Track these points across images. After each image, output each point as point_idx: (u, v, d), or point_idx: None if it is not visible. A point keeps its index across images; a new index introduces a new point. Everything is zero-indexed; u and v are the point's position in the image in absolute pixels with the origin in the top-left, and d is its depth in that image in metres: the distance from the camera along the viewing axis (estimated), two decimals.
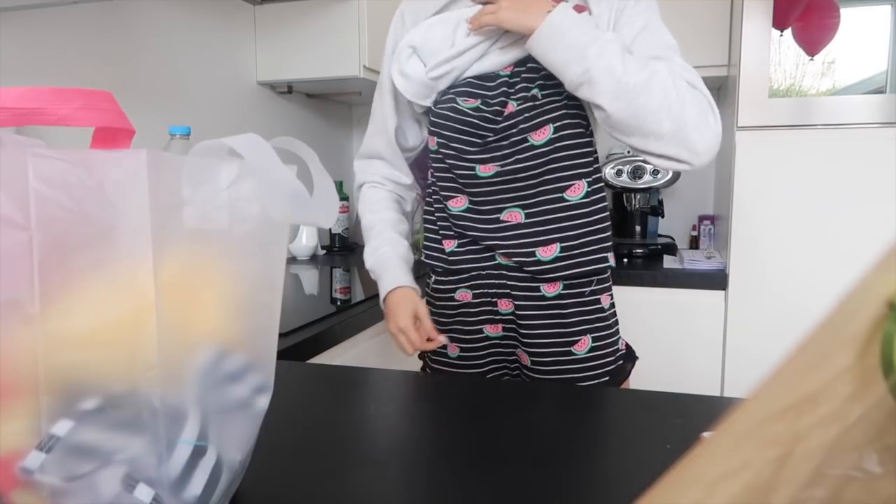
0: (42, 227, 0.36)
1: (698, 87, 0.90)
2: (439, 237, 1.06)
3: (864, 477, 0.23)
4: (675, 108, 0.87)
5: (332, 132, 2.52)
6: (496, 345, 1.06)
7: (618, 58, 0.88)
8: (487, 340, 1.06)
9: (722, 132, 0.90)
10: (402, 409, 0.74)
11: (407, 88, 1.03)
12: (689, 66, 0.91)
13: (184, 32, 1.71)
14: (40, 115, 0.38)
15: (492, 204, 1.00)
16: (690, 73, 0.91)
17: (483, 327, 1.05)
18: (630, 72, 0.87)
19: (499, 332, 1.05)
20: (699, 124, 0.88)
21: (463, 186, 1.02)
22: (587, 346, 1.01)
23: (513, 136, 0.97)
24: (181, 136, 1.30)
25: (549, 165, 0.97)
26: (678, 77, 0.89)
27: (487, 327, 1.05)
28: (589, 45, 0.88)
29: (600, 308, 1.03)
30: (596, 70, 0.87)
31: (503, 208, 1.00)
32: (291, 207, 0.43)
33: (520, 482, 0.55)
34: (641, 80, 0.87)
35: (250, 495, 0.53)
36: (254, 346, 0.48)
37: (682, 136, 0.88)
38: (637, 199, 2.20)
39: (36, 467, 0.38)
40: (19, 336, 0.37)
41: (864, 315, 0.23)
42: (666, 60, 0.90)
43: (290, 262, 1.99)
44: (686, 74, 0.90)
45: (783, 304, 1.76)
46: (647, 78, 0.87)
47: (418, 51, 1.02)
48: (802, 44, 1.76)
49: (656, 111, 0.87)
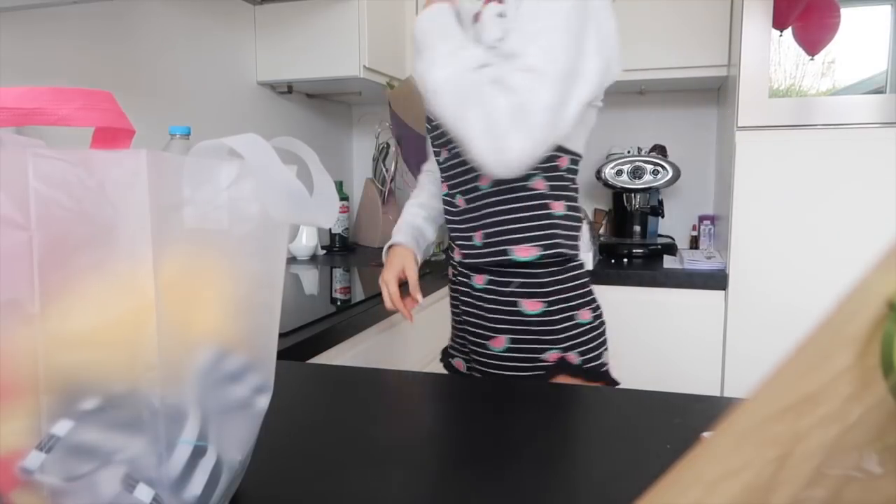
0: (42, 227, 0.36)
1: (517, 91, 0.82)
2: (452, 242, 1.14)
3: (864, 477, 0.23)
4: (463, 116, 0.84)
5: (332, 132, 2.52)
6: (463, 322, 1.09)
7: (434, 62, 0.87)
8: (459, 318, 1.11)
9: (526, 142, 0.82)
10: (402, 409, 0.74)
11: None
12: (532, 65, 0.82)
13: (184, 32, 1.71)
14: (40, 115, 0.38)
15: (449, 189, 1.05)
16: (523, 74, 0.82)
17: (458, 304, 1.09)
18: (436, 77, 0.86)
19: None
20: (483, 133, 0.83)
21: (439, 170, 1.08)
22: (503, 345, 0.99)
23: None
24: (181, 136, 1.30)
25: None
26: (487, 84, 0.83)
27: (461, 304, 1.09)
28: (423, 49, 0.90)
29: (520, 311, 0.98)
30: (417, 72, 0.90)
31: (455, 193, 1.04)
32: (291, 207, 0.43)
33: (520, 482, 0.55)
34: (443, 88, 0.86)
35: (250, 495, 0.53)
36: (254, 346, 0.48)
37: (467, 145, 0.85)
38: (637, 199, 2.20)
39: (36, 467, 0.38)
40: (19, 336, 0.37)
41: (864, 315, 0.23)
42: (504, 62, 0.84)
43: (290, 262, 1.99)
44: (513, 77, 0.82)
45: (783, 304, 1.76)
46: (450, 86, 0.85)
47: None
48: (803, 44, 1.76)
49: (447, 118, 0.86)
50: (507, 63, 0.84)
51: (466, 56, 0.87)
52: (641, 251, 2.12)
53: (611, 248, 2.15)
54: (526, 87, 0.81)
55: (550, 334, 0.98)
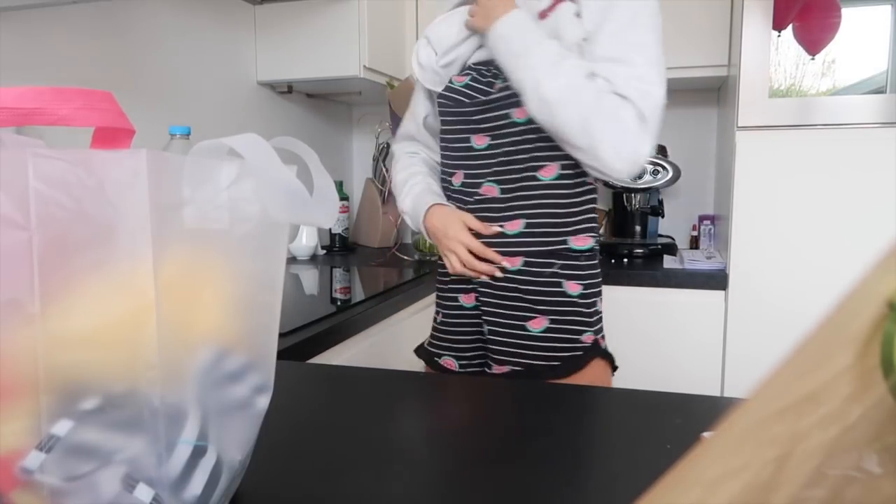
0: (42, 227, 0.36)
1: (633, 99, 0.92)
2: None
3: (864, 477, 0.23)
4: (587, 126, 0.92)
5: (332, 132, 2.52)
6: (469, 315, 1.10)
7: (543, 72, 0.93)
8: (462, 310, 1.10)
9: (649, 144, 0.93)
10: (402, 409, 0.74)
11: (422, 75, 1.12)
12: (646, 77, 0.93)
13: (184, 32, 1.71)
14: (40, 115, 0.38)
15: (477, 177, 1.05)
16: (636, 84, 0.92)
17: (458, 296, 1.10)
18: (552, 88, 0.92)
19: (472, 301, 1.09)
20: (614, 141, 0.92)
21: (461, 160, 1.07)
22: (542, 325, 1.02)
23: (498, 111, 1.03)
24: (181, 136, 1.30)
25: (526, 144, 1.01)
26: (604, 95, 0.92)
27: (462, 296, 1.10)
28: (520, 57, 0.95)
29: (563, 292, 1.02)
30: (524, 82, 0.95)
31: (482, 182, 1.05)
32: (291, 207, 0.43)
33: (520, 482, 0.55)
34: (558, 93, 0.92)
35: (250, 495, 0.53)
36: (254, 346, 0.48)
37: (594, 152, 0.93)
38: (637, 199, 2.20)
39: (36, 467, 0.38)
40: (19, 336, 0.37)
41: (865, 315, 0.23)
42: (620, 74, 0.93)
43: (290, 262, 1.99)
44: (629, 87, 0.92)
45: (783, 304, 1.76)
46: (564, 92, 0.92)
47: (431, 41, 1.12)
48: (803, 43, 1.76)
49: (571, 129, 0.93)
50: (613, 68, 0.93)
51: (572, 66, 0.94)
52: (641, 251, 2.12)
53: (611, 248, 2.15)
54: (640, 96, 0.92)
55: (587, 316, 1.04)
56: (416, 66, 1.13)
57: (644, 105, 0.92)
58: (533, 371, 1.02)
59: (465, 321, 1.10)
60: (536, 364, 1.02)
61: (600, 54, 0.94)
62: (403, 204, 1.14)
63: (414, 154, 1.23)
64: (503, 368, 1.04)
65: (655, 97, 0.93)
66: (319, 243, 2.15)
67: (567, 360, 1.02)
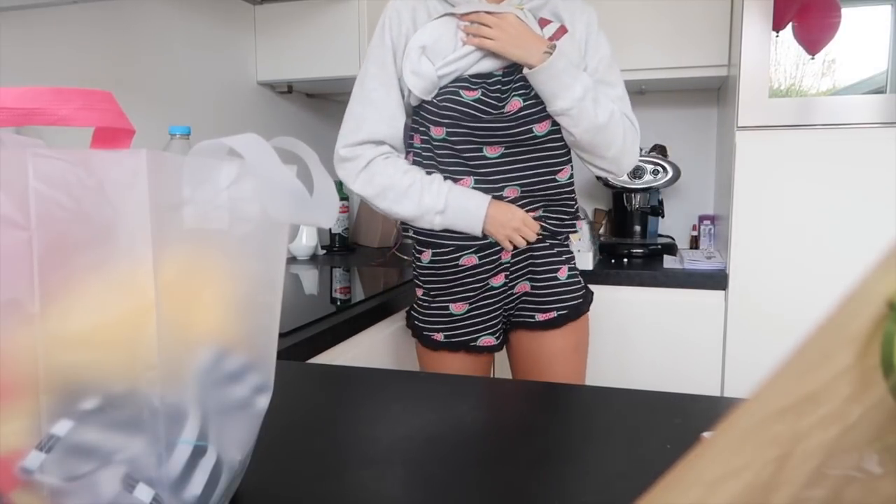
0: (42, 227, 0.36)
1: (629, 116, 1.24)
2: None
3: (864, 477, 0.23)
4: (620, 142, 1.20)
5: (332, 132, 2.51)
6: (498, 293, 1.27)
7: (592, 100, 1.16)
8: (492, 290, 1.26)
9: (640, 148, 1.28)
10: (402, 408, 0.74)
11: (417, 85, 1.17)
12: (625, 95, 1.26)
13: (184, 32, 1.71)
14: (40, 115, 0.38)
15: (494, 182, 1.19)
16: (625, 102, 1.25)
17: (488, 281, 1.25)
18: (600, 113, 1.17)
19: (501, 281, 1.26)
20: (629, 151, 1.24)
21: (471, 168, 1.19)
22: (566, 273, 1.29)
23: (519, 126, 1.17)
24: (181, 136, 1.30)
25: (545, 153, 1.20)
26: (622, 116, 1.21)
27: (492, 279, 1.25)
28: (574, 87, 1.14)
29: (569, 249, 1.33)
30: (578, 109, 1.14)
31: (504, 186, 1.20)
32: (291, 207, 0.43)
33: (520, 482, 0.55)
34: (606, 121, 1.17)
35: (250, 495, 0.53)
36: (254, 346, 0.48)
37: (619, 160, 1.23)
38: (637, 199, 2.20)
39: (36, 467, 0.38)
40: (19, 336, 0.37)
41: (865, 315, 0.23)
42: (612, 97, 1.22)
43: (290, 262, 1.99)
44: (623, 106, 1.24)
45: (783, 305, 1.76)
46: (609, 119, 1.18)
47: (427, 51, 1.15)
48: (803, 43, 1.76)
49: (609, 145, 1.20)
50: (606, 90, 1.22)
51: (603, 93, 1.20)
52: (641, 251, 2.12)
53: (611, 247, 2.15)
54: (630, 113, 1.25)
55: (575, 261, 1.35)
56: (412, 76, 1.16)
57: (634, 120, 1.25)
58: (571, 310, 1.29)
59: (495, 300, 1.27)
60: (571, 304, 1.28)
61: (596, 78, 1.21)
62: (435, 203, 1.18)
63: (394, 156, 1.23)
64: (550, 314, 1.28)
65: (631, 109, 1.25)
66: (319, 243, 2.15)
67: (584, 296, 1.31)
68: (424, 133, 1.20)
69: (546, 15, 1.21)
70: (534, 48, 1.12)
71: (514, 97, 1.16)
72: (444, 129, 1.17)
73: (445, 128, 1.17)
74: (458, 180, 1.19)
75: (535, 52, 1.12)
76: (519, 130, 1.17)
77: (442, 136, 1.18)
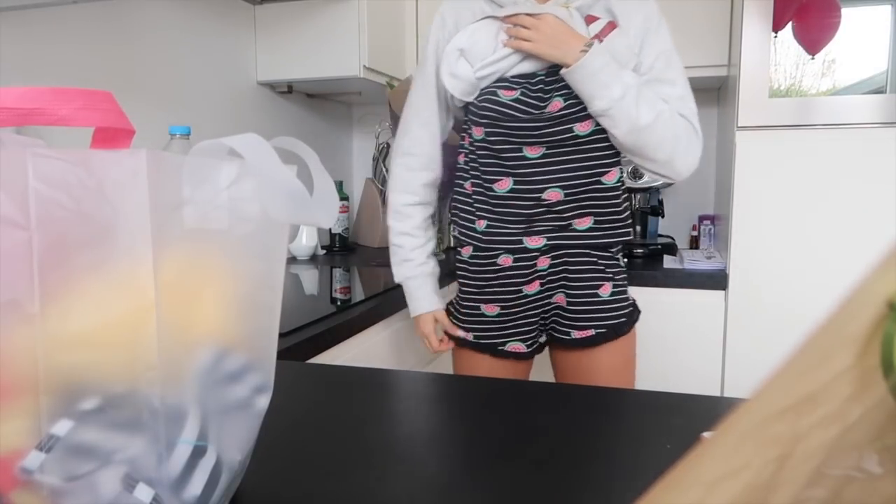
0: (42, 227, 0.36)
1: (689, 118, 1.16)
2: (474, 217, 1.22)
3: (864, 477, 0.23)
4: (670, 144, 1.14)
5: (332, 132, 2.52)
6: (532, 301, 1.23)
7: (634, 100, 1.10)
8: (525, 298, 1.23)
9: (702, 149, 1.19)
10: (403, 409, 0.74)
11: (456, 87, 1.18)
12: (687, 94, 1.17)
13: (184, 32, 1.71)
14: (40, 115, 0.38)
15: (535, 184, 1.17)
16: (686, 102, 1.16)
17: (522, 287, 1.22)
18: (642, 114, 1.10)
19: (536, 288, 1.22)
20: (685, 153, 1.16)
21: (509, 168, 1.17)
22: (609, 290, 1.22)
23: (560, 125, 1.14)
24: (181, 136, 1.29)
25: (590, 153, 1.16)
26: (675, 115, 1.14)
27: (525, 286, 1.22)
28: (613, 86, 1.09)
29: (618, 263, 1.25)
30: (616, 109, 1.10)
31: (545, 188, 1.16)
32: (291, 207, 0.43)
33: (520, 482, 0.55)
34: (650, 122, 1.11)
35: (250, 495, 0.53)
36: (254, 346, 0.48)
37: (671, 164, 1.16)
38: (637, 199, 2.20)
39: (36, 467, 0.38)
40: (19, 336, 0.37)
41: (865, 315, 0.23)
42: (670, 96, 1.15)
43: (290, 262, 1.99)
44: (683, 107, 1.15)
45: (783, 304, 1.76)
46: (654, 120, 1.11)
47: (465, 53, 1.17)
48: (803, 43, 1.76)
49: (656, 147, 1.13)
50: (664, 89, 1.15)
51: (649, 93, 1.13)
52: (641, 251, 2.12)
53: None
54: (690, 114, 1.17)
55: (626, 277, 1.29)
56: (450, 78, 1.17)
57: (695, 121, 1.17)
58: (611, 329, 1.22)
59: (529, 307, 1.23)
60: (611, 323, 1.22)
61: (651, 76, 1.15)
62: (397, 274, 1.33)
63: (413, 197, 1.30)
64: (587, 332, 1.22)
65: (696, 111, 1.18)
66: (319, 243, 2.15)
67: (628, 315, 1.24)
68: (469, 134, 1.22)
69: (597, 11, 1.17)
70: (571, 48, 1.10)
71: (556, 97, 1.14)
72: (483, 129, 1.17)
73: (484, 128, 1.17)
74: (495, 181, 1.18)
75: (572, 52, 1.10)
76: (559, 129, 1.14)
77: (481, 136, 1.18)
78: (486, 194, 1.20)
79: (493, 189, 1.19)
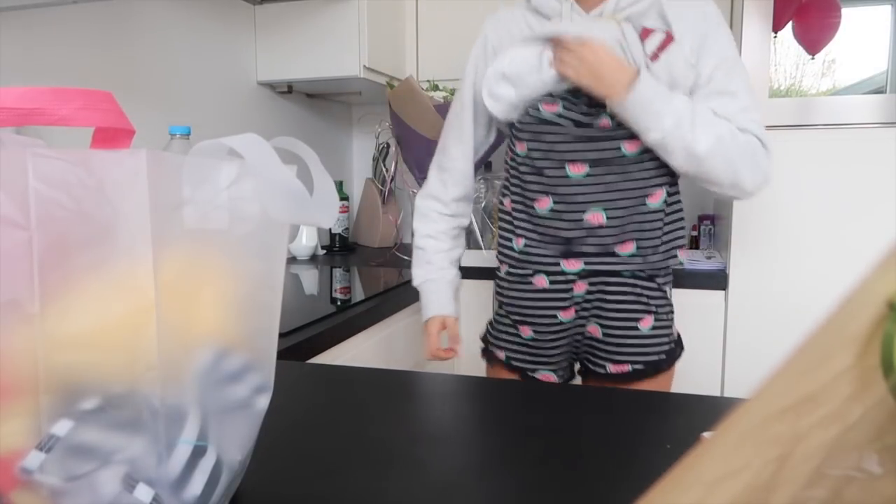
0: (42, 227, 0.36)
1: (754, 131, 1.06)
2: (512, 236, 1.18)
3: (864, 477, 0.23)
4: (732, 167, 1.05)
5: (332, 132, 2.52)
6: (568, 328, 1.17)
7: (688, 127, 1.03)
8: (560, 325, 1.16)
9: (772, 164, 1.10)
10: (403, 409, 0.74)
11: (495, 108, 1.14)
12: (751, 105, 1.07)
13: (184, 32, 1.71)
14: (40, 115, 0.38)
15: (576, 204, 1.10)
16: (749, 114, 1.06)
17: (556, 313, 1.15)
18: (699, 140, 1.03)
19: (571, 315, 1.16)
20: (752, 172, 1.07)
21: (551, 187, 1.11)
22: (650, 324, 1.14)
23: (606, 143, 1.08)
24: (181, 136, 1.29)
25: (637, 174, 1.10)
26: (737, 134, 1.05)
27: (560, 313, 1.15)
28: (664, 116, 1.02)
29: (663, 295, 1.16)
30: (670, 139, 1.03)
31: (587, 208, 1.10)
32: (291, 207, 0.43)
33: (520, 482, 0.55)
34: (709, 147, 1.03)
35: (250, 495, 0.53)
36: (254, 346, 0.48)
37: (738, 186, 1.08)
38: None
39: (36, 467, 0.38)
40: (19, 336, 0.37)
41: (865, 315, 0.23)
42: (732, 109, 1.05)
43: (290, 262, 1.99)
44: (746, 120, 1.06)
45: (783, 304, 1.76)
46: (714, 144, 1.03)
47: (507, 76, 1.12)
48: (803, 43, 1.76)
49: (719, 172, 1.06)
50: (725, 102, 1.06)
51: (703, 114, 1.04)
52: None
53: None
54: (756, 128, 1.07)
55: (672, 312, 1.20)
56: (491, 100, 1.13)
57: (761, 134, 1.07)
58: (649, 366, 1.14)
59: (562, 335, 1.17)
60: (650, 360, 1.14)
61: (710, 88, 1.06)
62: (415, 276, 1.28)
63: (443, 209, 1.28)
64: (623, 367, 1.14)
65: (762, 123, 1.07)
66: (319, 243, 2.15)
67: (669, 352, 1.16)
68: (512, 149, 1.18)
69: (652, 20, 1.07)
70: (616, 81, 1.02)
71: (605, 115, 1.07)
72: (526, 144, 1.12)
73: (526, 143, 1.12)
74: (536, 200, 1.12)
75: (616, 86, 1.02)
76: (605, 146, 1.08)
77: (524, 152, 1.13)
78: (527, 213, 1.15)
79: (533, 208, 1.13)
